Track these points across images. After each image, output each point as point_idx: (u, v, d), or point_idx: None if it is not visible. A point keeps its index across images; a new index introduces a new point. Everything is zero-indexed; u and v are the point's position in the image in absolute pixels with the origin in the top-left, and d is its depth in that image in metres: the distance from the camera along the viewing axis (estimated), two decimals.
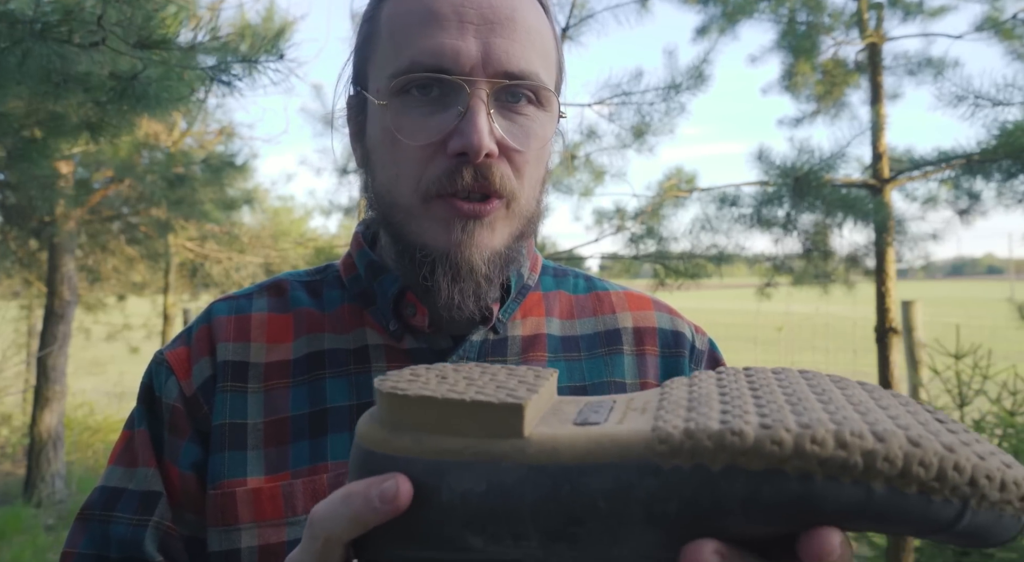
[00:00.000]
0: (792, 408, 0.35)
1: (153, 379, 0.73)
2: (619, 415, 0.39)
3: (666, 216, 4.32)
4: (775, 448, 0.32)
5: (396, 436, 0.38)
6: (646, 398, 0.42)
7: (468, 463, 0.37)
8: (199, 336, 0.74)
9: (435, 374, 0.42)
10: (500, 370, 0.43)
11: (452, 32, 0.64)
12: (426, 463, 0.37)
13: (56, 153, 3.32)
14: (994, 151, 2.90)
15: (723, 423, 0.34)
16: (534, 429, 0.37)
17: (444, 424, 0.38)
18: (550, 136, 0.70)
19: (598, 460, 0.35)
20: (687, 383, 0.42)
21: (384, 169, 0.69)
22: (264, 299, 0.77)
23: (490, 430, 0.37)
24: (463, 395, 0.38)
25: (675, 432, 0.34)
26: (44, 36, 1.79)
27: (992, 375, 3.64)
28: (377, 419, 0.40)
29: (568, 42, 3.95)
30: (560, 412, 0.41)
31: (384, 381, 0.40)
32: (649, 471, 0.34)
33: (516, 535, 0.36)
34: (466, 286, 0.66)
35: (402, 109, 0.66)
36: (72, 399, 7.74)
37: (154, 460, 0.70)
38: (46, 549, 4.71)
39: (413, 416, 0.38)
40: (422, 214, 0.66)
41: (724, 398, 0.38)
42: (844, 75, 4.46)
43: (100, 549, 0.67)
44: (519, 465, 0.36)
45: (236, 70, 2.24)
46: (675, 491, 0.34)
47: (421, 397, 0.38)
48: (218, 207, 6.66)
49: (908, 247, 3.81)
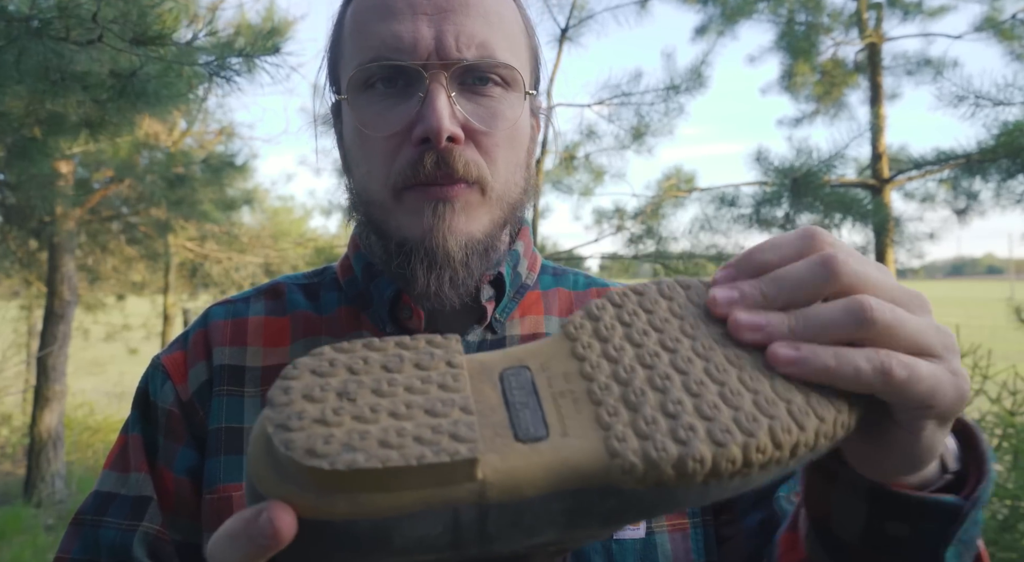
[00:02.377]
0: (702, 408, 0.37)
1: (149, 384, 0.73)
2: (553, 410, 0.37)
3: (665, 216, 4.32)
4: (729, 465, 0.35)
5: (326, 502, 0.33)
6: (563, 369, 0.39)
7: (420, 513, 0.34)
8: (195, 340, 0.74)
9: (335, 393, 0.35)
10: (405, 362, 0.38)
11: (406, 21, 0.64)
12: (369, 523, 0.34)
13: (56, 152, 3.32)
14: (993, 151, 2.91)
15: (679, 443, 0.35)
16: (484, 460, 0.35)
17: (386, 485, 0.33)
18: (519, 117, 0.68)
19: (559, 488, 0.35)
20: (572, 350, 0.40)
21: (358, 167, 0.69)
22: (261, 303, 0.76)
23: (441, 481, 0.34)
24: (405, 453, 0.33)
25: (637, 461, 0.35)
26: (41, 34, 1.78)
27: (992, 375, 3.64)
28: (292, 479, 0.34)
29: (568, 43, 3.95)
30: (487, 408, 0.37)
31: (288, 437, 0.33)
32: (611, 493, 0.35)
33: (467, 551, 0.36)
34: (442, 273, 0.65)
35: (367, 104, 0.66)
36: (72, 399, 7.74)
37: (146, 465, 0.69)
38: (46, 549, 4.71)
39: (346, 484, 0.33)
40: (396, 208, 0.66)
41: (653, 384, 0.38)
42: (843, 75, 4.46)
43: (91, 554, 0.67)
44: (478, 505, 0.34)
45: (235, 65, 2.23)
46: (634, 506, 0.36)
47: (356, 471, 0.32)
48: (218, 207, 6.67)
49: (906, 247, 3.82)
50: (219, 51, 2.18)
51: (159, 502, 0.68)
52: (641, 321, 0.41)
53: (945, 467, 0.47)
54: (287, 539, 0.33)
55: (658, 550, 0.64)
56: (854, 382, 0.37)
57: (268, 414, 0.35)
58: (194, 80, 2.27)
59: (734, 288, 0.40)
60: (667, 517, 0.65)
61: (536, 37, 0.75)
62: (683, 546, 0.65)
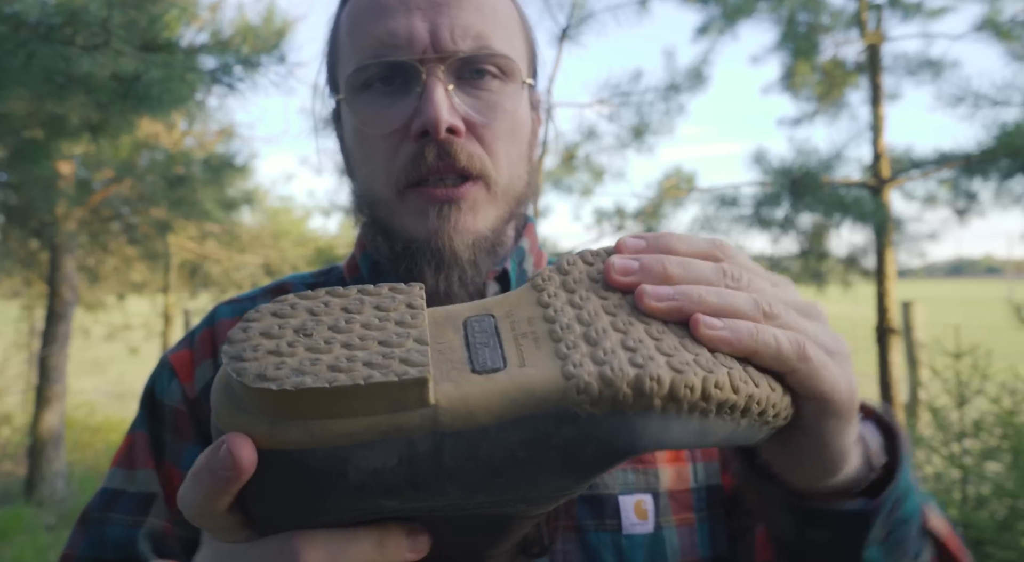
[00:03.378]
0: (663, 347, 0.37)
1: (156, 382, 0.73)
2: (513, 348, 0.37)
3: (666, 216, 4.33)
4: (687, 392, 0.35)
5: (279, 429, 0.33)
6: (528, 315, 0.39)
7: (373, 443, 0.33)
8: (202, 339, 0.74)
9: (292, 330, 0.35)
10: (365, 305, 0.38)
11: (400, 17, 0.64)
12: (324, 452, 0.33)
13: (57, 154, 3.32)
14: (993, 151, 2.91)
15: (636, 366, 0.35)
16: (438, 389, 0.34)
17: (336, 410, 0.33)
18: (518, 108, 0.68)
19: (515, 415, 0.34)
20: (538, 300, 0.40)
21: (360, 168, 0.69)
22: (267, 302, 0.77)
23: (392, 406, 0.33)
24: (353, 375, 0.33)
25: (592, 381, 0.34)
26: (49, 38, 1.79)
27: (991, 375, 3.64)
28: (246, 408, 0.34)
29: (568, 42, 3.95)
30: (447, 348, 0.37)
31: (241, 365, 0.34)
32: (567, 419, 0.34)
33: (434, 493, 0.35)
34: (451, 273, 0.65)
35: (366, 103, 0.66)
36: (72, 399, 7.74)
37: (153, 462, 0.70)
38: (47, 549, 4.71)
39: (296, 408, 0.33)
40: (399, 207, 0.66)
41: (615, 327, 0.37)
42: (844, 75, 4.46)
43: (98, 551, 0.67)
44: (432, 433, 0.34)
45: (237, 72, 2.24)
46: (592, 436, 0.34)
47: (303, 391, 0.32)
48: (218, 207, 6.66)
49: (906, 247, 3.82)
50: (221, 55, 2.18)
51: (166, 499, 0.69)
52: None
53: (871, 464, 0.49)
54: (247, 469, 0.33)
55: (666, 545, 0.65)
56: (775, 354, 0.39)
57: (225, 349, 0.35)
58: (196, 84, 2.27)
59: (636, 260, 0.41)
60: (674, 512, 0.66)
61: (531, 28, 0.75)
62: (690, 541, 0.66)
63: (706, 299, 0.39)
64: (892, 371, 3.34)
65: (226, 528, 0.38)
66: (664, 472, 0.67)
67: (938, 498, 3.48)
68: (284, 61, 2.32)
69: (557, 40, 4.06)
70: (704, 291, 0.40)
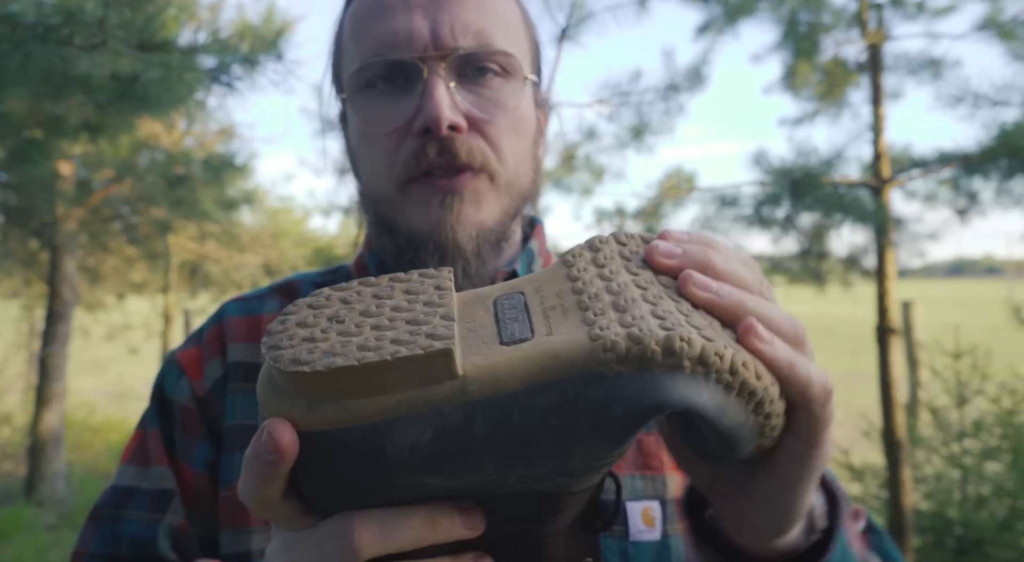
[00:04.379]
0: (692, 321, 0.37)
1: (164, 380, 0.73)
2: (541, 320, 0.38)
3: (666, 216, 4.32)
4: (716, 359, 0.35)
5: (317, 411, 0.35)
6: (556, 289, 0.40)
7: (407, 417, 0.34)
8: (210, 337, 0.74)
9: (326, 318, 0.37)
10: (396, 290, 0.39)
11: (400, 16, 0.64)
12: (360, 429, 0.35)
13: (56, 154, 3.32)
14: (993, 151, 2.91)
15: (665, 329, 0.34)
16: (466, 361, 0.35)
17: (368, 387, 0.34)
18: (520, 105, 0.68)
19: (543, 380, 0.34)
20: (568, 274, 0.41)
21: (364, 166, 0.69)
22: (275, 300, 0.76)
23: (422, 379, 0.34)
24: (381, 352, 0.34)
25: (619, 339, 0.34)
26: (46, 39, 1.79)
27: (991, 375, 3.65)
28: (285, 394, 0.35)
29: (568, 42, 3.95)
30: (477, 326, 0.38)
31: (278, 353, 0.35)
32: (594, 380, 0.34)
33: (472, 467, 0.35)
34: (455, 266, 0.65)
35: (369, 102, 0.66)
36: (72, 399, 7.74)
37: (167, 459, 0.69)
38: (47, 548, 4.71)
39: (330, 388, 0.34)
40: (402, 202, 0.66)
41: (645, 298, 0.37)
42: (845, 75, 4.45)
43: (111, 549, 0.66)
44: (463, 404, 0.34)
45: (236, 71, 2.24)
46: (619, 396, 0.34)
47: (335, 370, 0.34)
48: (218, 207, 6.66)
49: (906, 247, 3.82)
50: (220, 54, 2.18)
51: (180, 496, 0.68)
52: (641, 258, 0.42)
53: (813, 527, 0.48)
54: (290, 452, 0.34)
55: (672, 552, 0.65)
56: (801, 390, 0.38)
57: (264, 341, 0.37)
58: (195, 84, 2.27)
59: (680, 247, 0.41)
60: (681, 520, 0.65)
61: (534, 26, 0.75)
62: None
63: (752, 306, 0.39)
64: (892, 371, 3.33)
65: (288, 517, 0.38)
66: (672, 480, 0.67)
67: (938, 498, 3.48)
68: (282, 58, 2.31)
69: (556, 40, 4.06)
70: (750, 298, 0.39)
